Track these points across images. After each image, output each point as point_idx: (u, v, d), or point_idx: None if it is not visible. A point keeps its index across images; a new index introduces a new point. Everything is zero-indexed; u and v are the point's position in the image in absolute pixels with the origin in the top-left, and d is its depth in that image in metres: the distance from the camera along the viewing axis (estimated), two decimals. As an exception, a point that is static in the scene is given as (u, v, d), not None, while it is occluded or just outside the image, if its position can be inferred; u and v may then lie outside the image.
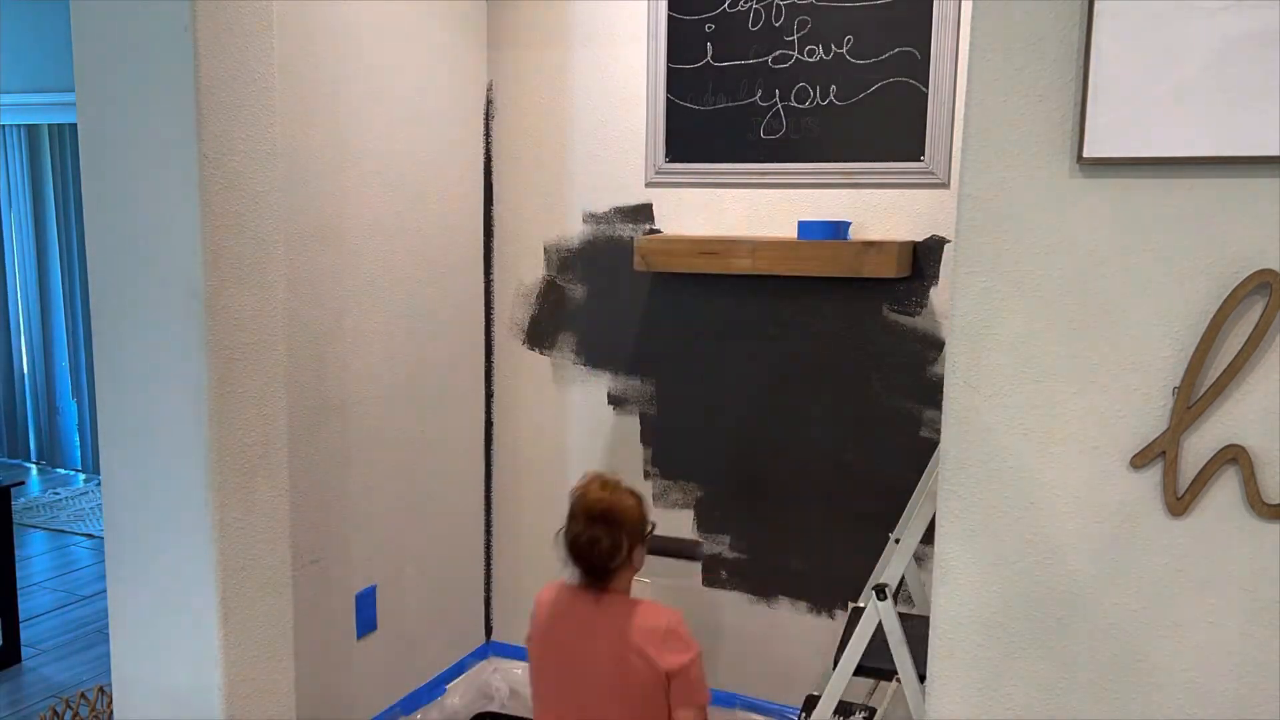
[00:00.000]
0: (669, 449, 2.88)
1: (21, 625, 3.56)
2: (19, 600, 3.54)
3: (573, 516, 2.11)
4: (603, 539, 2.06)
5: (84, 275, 5.53)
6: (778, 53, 2.59)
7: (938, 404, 2.50)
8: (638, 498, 2.17)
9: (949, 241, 2.50)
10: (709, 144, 2.70)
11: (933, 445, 2.50)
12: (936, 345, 2.54)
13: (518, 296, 3.03)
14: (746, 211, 2.70)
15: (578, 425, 2.99)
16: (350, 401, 2.57)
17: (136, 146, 1.82)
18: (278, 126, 1.93)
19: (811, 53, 2.56)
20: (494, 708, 3.13)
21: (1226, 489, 1.33)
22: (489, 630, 3.22)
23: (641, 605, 2.11)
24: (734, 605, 2.86)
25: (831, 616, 2.74)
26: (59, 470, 5.95)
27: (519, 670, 3.13)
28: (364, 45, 2.51)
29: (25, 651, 3.51)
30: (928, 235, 2.53)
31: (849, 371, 2.64)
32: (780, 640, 2.81)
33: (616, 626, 2.08)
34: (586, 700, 2.10)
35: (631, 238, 2.82)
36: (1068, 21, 1.32)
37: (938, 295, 2.53)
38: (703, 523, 2.86)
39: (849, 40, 2.52)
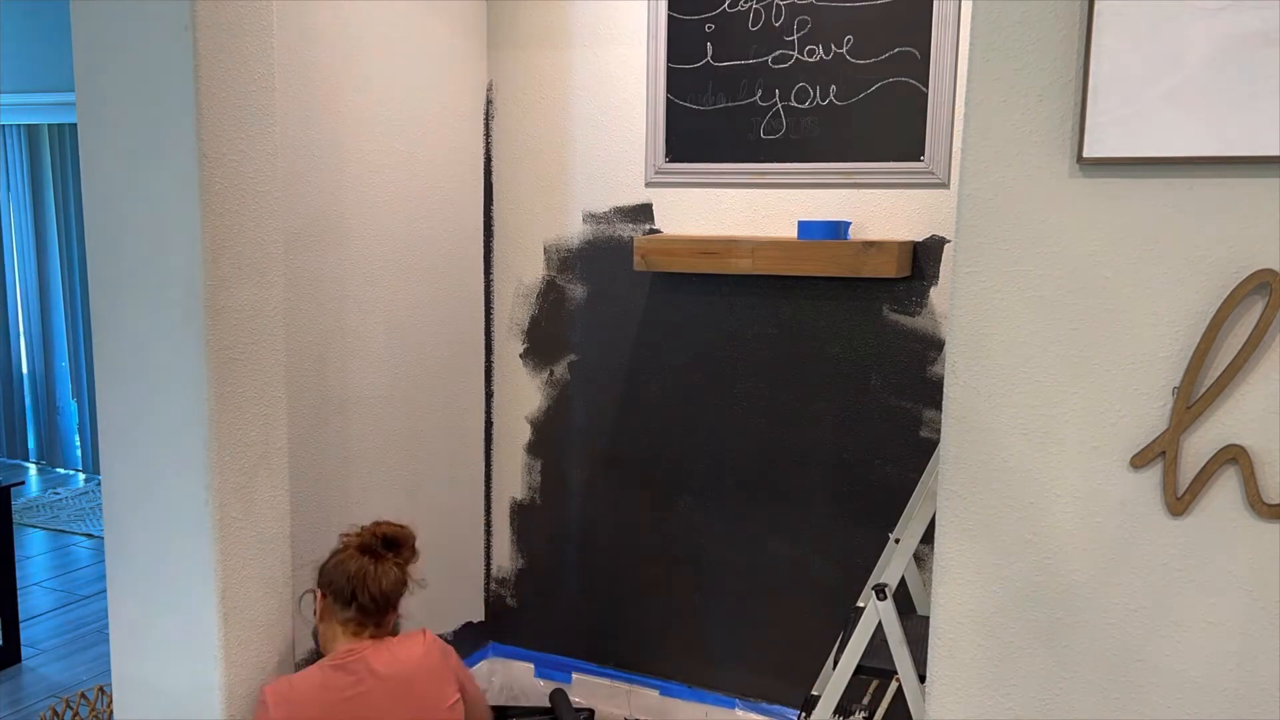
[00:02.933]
0: (668, 448, 2.88)
1: (21, 625, 3.56)
2: (19, 600, 3.54)
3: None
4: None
5: (84, 275, 5.53)
6: (778, 53, 2.59)
7: (938, 404, 2.50)
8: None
9: (949, 241, 2.50)
10: (709, 144, 2.70)
11: (933, 445, 2.50)
12: (936, 345, 2.54)
13: (518, 296, 3.03)
14: (746, 211, 2.70)
15: (577, 425, 2.99)
16: (350, 401, 2.57)
17: (136, 146, 1.82)
18: (278, 126, 1.94)
19: (811, 53, 2.56)
20: (491, 701, 3.13)
21: (1226, 489, 1.33)
22: (489, 630, 3.22)
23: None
24: (733, 605, 2.86)
25: (831, 616, 2.73)
26: (59, 470, 5.95)
27: (519, 669, 3.14)
28: (364, 45, 2.51)
29: (25, 651, 3.50)
30: (928, 235, 2.53)
31: (849, 371, 2.64)
32: (780, 640, 2.81)
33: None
34: None
35: (631, 238, 2.82)
36: (1068, 21, 1.33)
37: (938, 295, 2.53)
38: (703, 521, 2.86)
39: (849, 40, 2.52)
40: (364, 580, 2.02)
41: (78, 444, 5.94)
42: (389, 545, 2.09)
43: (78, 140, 1.89)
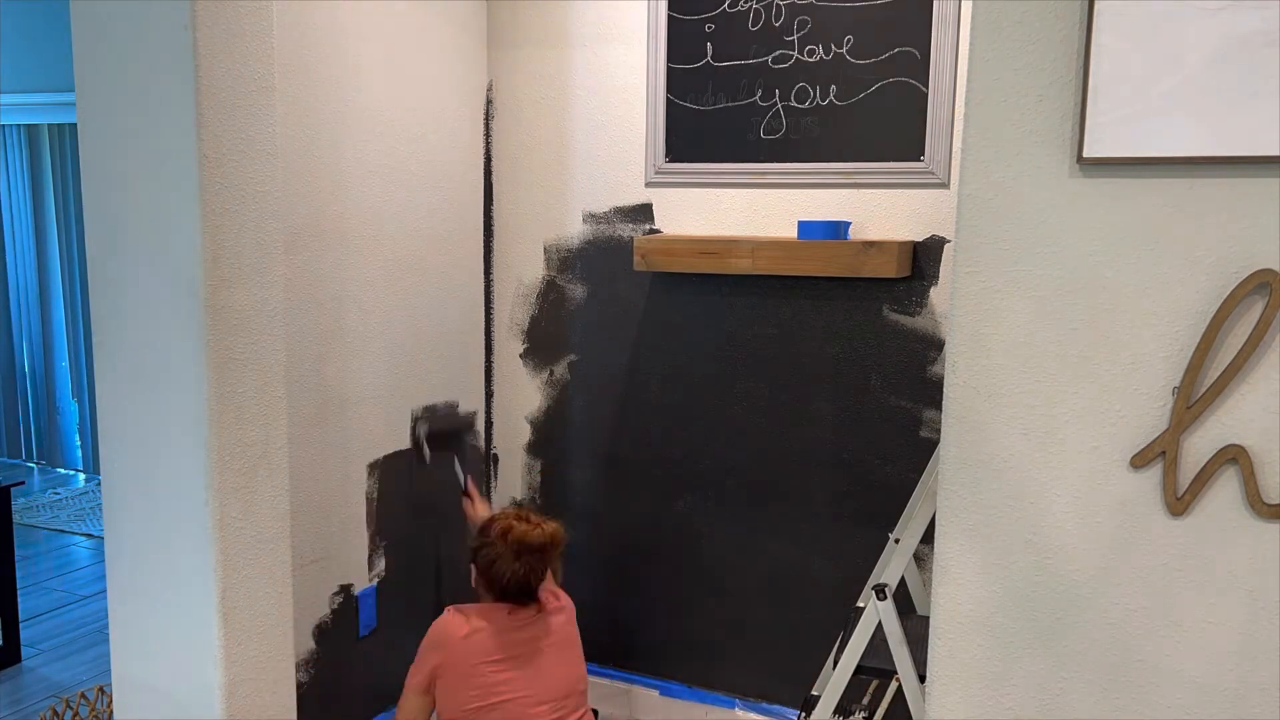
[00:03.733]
0: (668, 449, 2.88)
1: (21, 625, 3.56)
2: (19, 600, 3.54)
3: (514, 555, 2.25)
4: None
5: (84, 275, 5.53)
6: (778, 53, 2.59)
7: (938, 404, 2.50)
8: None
9: (949, 241, 2.50)
10: (709, 144, 2.70)
11: (933, 445, 2.50)
12: (936, 345, 2.54)
13: (518, 296, 3.03)
14: (746, 211, 2.70)
15: (577, 425, 2.99)
16: (350, 401, 2.57)
17: (136, 146, 1.82)
18: (278, 126, 1.93)
19: (811, 53, 2.56)
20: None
21: (1226, 489, 1.33)
22: (489, 630, 3.22)
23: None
24: (733, 605, 2.86)
25: (831, 616, 2.73)
26: (59, 470, 5.95)
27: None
28: (363, 45, 2.51)
29: (25, 651, 3.50)
30: (928, 235, 2.53)
31: (849, 371, 2.64)
32: (780, 640, 2.81)
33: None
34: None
35: (631, 238, 2.82)
36: (1068, 21, 1.33)
37: (938, 295, 2.53)
38: (703, 521, 2.86)
39: (849, 40, 2.52)
40: (515, 584, 2.24)
41: (78, 444, 5.94)
42: (534, 551, 2.26)
43: (78, 140, 1.89)
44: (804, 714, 2.23)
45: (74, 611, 3.89)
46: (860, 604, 2.23)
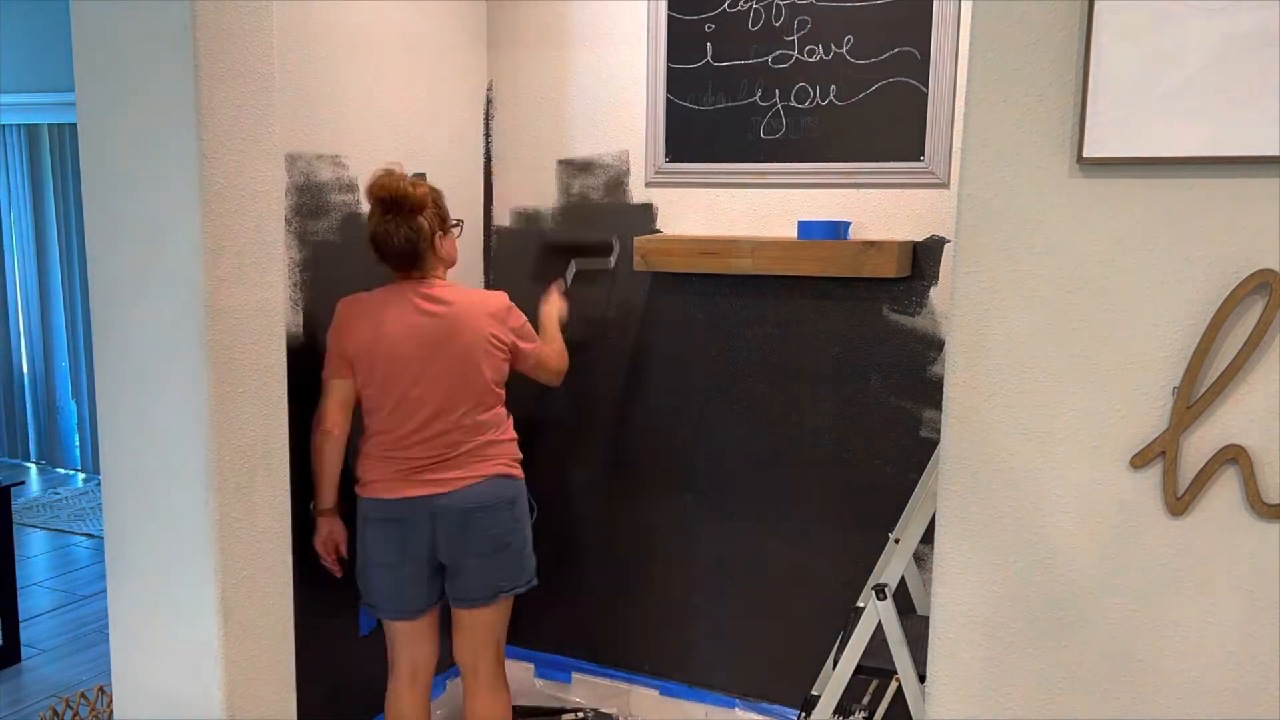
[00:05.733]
0: (668, 448, 2.88)
1: (21, 625, 3.56)
2: (19, 600, 3.54)
3: (370, 212, 2.30)
4: (403, 228, 2.27)
5: (84, 275, 5.53)
6: (778, 53, 2.59)
7: (938, 404, 2.50)
8: (431, 188, 2.35)
9: (949, 241, 2.50)
10: (709, 144, 2.70)
11: (933, 445, 2.50)
12: (936, 345, 2.54)
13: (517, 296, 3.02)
14: (747, 211, 2.70)
15: (577, 425, 2.99)
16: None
17: (136, 146, 1.82)
18: (278, 126, 1.93)
19: (811, 53, 2.56)
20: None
21: (1226, 489, 1.33)
22: (489, 630, 3.22)
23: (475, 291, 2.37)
24: (733, 604, 2.86)
25: (831, 616, 2.73)
26: (59, 470, 5.95)
27: (519, 669, 3.13)
28: (364, 45, 2.50)
29: (25, 651, 3.50)
30: (928, 235, 2.53)
31: (849, 371, 2.64)
32: (780, 640, 2.81)
33: (457, 312, 2.32)
34: (433, 392, 2.31)
35: (631, 238, 2.81)
36: (1068, 21, 1.33)
37: (938, 295, 2.53)
38: (703, 521, 2.86)
39: (849, 40, 2.52)
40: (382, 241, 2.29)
41: (78, 444, 5.94)
42: (391, 208, 2.27)
43: (78, 140, 1.89)
44: (804, 714, 2.23)
45: (74, 611, 3.89)
46: (860, 604, 2.23)
